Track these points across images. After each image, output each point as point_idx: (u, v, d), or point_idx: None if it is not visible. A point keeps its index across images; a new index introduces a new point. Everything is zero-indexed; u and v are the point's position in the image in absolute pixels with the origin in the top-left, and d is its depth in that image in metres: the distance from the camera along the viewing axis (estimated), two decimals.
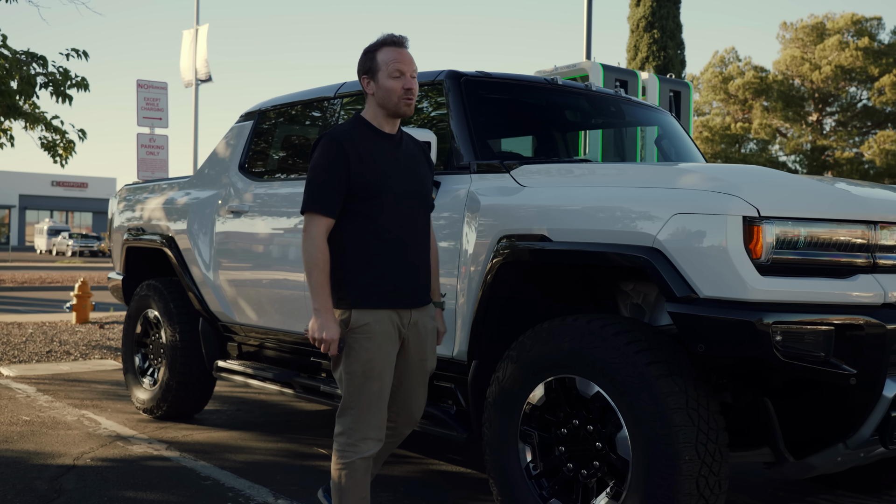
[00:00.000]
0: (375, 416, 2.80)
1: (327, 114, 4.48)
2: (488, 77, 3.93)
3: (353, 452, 2.80)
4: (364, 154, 2.77)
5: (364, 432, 2.80)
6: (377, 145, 2.82)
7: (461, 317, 3.43)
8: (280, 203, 4.54)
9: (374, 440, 2.81)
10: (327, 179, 2.74)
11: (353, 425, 2.80)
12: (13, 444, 4.66)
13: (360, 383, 2.78)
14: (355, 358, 2.77)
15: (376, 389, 2.79)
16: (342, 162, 2.74)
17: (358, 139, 2.80)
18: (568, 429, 3.00)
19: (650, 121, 4.58)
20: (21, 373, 7.11)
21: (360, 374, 2.77)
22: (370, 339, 2.77)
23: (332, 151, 2.76)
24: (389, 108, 2.82)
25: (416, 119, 4.07)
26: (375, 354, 2.77)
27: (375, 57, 2.81)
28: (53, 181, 60.55)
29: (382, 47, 2.82)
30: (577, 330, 2.92)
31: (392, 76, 2.78)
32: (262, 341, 4.78)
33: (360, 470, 2.82)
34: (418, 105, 4.08)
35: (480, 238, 3.33)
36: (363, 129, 2.84)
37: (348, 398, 2.81)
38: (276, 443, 4.81)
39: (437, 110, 3.94)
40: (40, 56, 7.90)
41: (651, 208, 2.79)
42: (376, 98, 2.83)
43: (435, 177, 3.64)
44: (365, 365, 2.77)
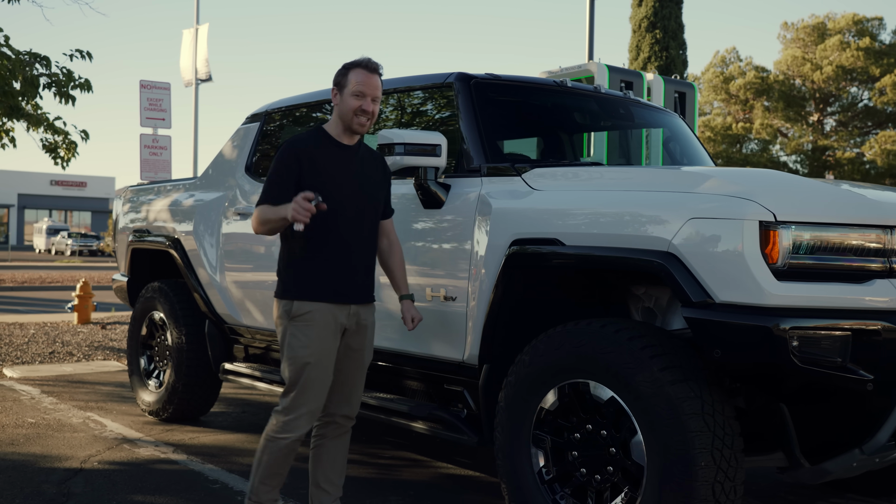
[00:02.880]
0: (313, 400, 3.07)
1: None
2: (498, 79, 3.91)
3: (284, 431, 3.08)
4: (318, 162, 3.07)
5: (299, 412, 3.07)
6: (332, 155, 3.12)
7: (472, 320, 3.42)
8: None
9: (305, 424, 3.09)
10: (279, 181, 3.06)
11: (290, 405, 3.08)
12: (20, 446, 4.64)
13: (299, 369, 3.05)
14: (295, 345, 3.05)
15: (315, 375, 3.05)
16: (295, 167, 3.06)
17: (315, 148, 3.10)
18: (581, 434, 2.98)
19: (658, 123, 4.56)
20: (24, 374, 7.09)
21: (299, 360, 3.04)
22: (310, 326, 3.04)
23: (287, 157, 3.08)
24: (345, 122, 3.15)
25: (424, 121, 4.06)
26: (315, 341, 3.04)
27: (348, 74, 3.13)
28: (52, 180, 60.48)
29: (356, 68, 3.13)
30: (590, 334, 2.91)
31: (354, 94, 3.10)
32: (269, 343, 4.76)
33: (284, 450, 3.11)
34: (427, 106, 4.06)
35: (492, 241, 3.32)
36: (322, 138, 3.16)
37: (290, 382, 3.08)
38: None
39: (447, 113, 3.92)
40: (43, 56, 7.88)
41: (666, 212, 2.78)
42: (338, 110, 3.15)
43: (445, 179, 3.63)
44: (305, 351, 3.04)
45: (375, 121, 3.23)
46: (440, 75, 3.92)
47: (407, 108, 4.16)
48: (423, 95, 4.06)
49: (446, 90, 3.88)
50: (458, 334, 3.50)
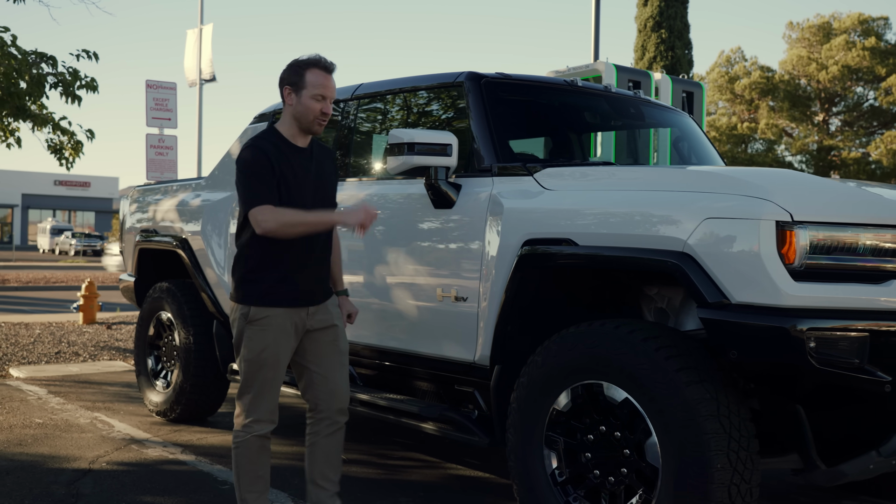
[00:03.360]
0: (268, 400, 3.14)
1: (343, 115, 4.44)
2: (508, 79, 3.89)
3: (247, 432, 3.13)
4: (282, 167, 3.02)
5: (258, 414, 3.13)
6: (291, 159, 3.06)
7: (483, 321, 3.40)
8: None
9: (266, 422, 3.15)
10: (264, 180, 2.99)
11: (249, 408, 3.13)
12: (28, 447, 4.63)
13: (255, 370, 3.10)
14: (252, 347, 3.08)
15: (270, 377, 3.10)
16: (269, 165, 2.99)
17: (276, 152, 3.03)
18: (595, 435, 2.96)
19: (669, 122, 4.54)
20: (31, 374, 7.08)
21: (255, 362, 3.09)
22: (266, 331, 3.06)
23: (260, 157, 3.00)
24: (303, 125, 3.08)
25: (433, 120, 4.04)
26: (270, 345, 3.07)
27: (305, 75, 3.03)
28: (56, 180, 60.56)
29: (313, 68, 3.04)
30: (604, 335, 2.89)
31: (314, 97, 3.03)
32: None
33: (254, 448, 3.15)
34: (436, 106, 4.05)
35: (504, 241, 3.30)
36: (279, 142, 3.07)
37: (245, 383, 3.13)
38: (292, 446, 4.78)
39: (456, 112, 3.91)
40: (50, 56, 7.87)
41: (681, 212, 2.75)
42: (293, 111, 3.07)
43: (456, 179, 3.61)
44: (260, 354, 3.08)
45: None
46: (450, 74, 3.90)
47: (415, 107, 4.15)
48: (433, 95, 4.04)
49: (456, 89, 3.86)
50: (469, 335, 3.49)
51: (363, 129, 4.40)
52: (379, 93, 4.27)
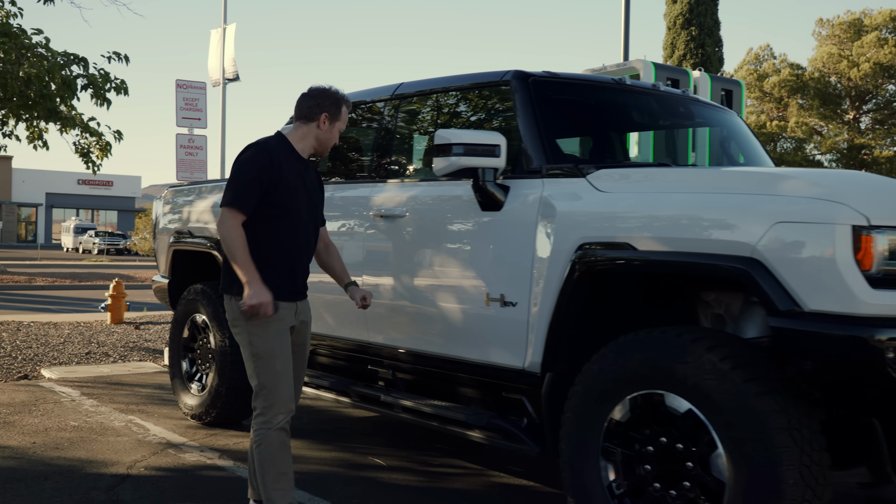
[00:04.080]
0: (284, 391, 3.23)
1: (383, 115, 4.36)
2: (556, 77, 3.80)
3: (267, 427, 3.21)
4: (285, 173, 3.23)
5: (277, 408, 3.22)
6: (294, 167, 3.29)
7: (534, 326, 3.30)
8: (338, 207, 4.43)
9: (284, 413, 3.23)
10: (250, 182, 3.17)
11: (267, 403, 3.22)
12: (65, 451, 4.59)
13: (266, 363, 3.21)
14: (258, 342, 3.21)
15: (280, 367, 3.22)
16: (267, 172, 3.19)
17: (283, 157, 3.25)
18: (655, 447, 2.85)
19: (717, 121, 4.42)
20: (63, 375, 7.07)
21: (264, 355, 3.21)
22: (269, 323, 3.20)
23: (262, 161, 3.20)
24: (322, 149, 3.40)
25: (476, 120, 3.95)
26: (273, 336, 3.21)
27: (341, 109, 3.38)
28: (79, 180, 61.08)
29: (345, 106, 3.40)
30: (665, 344, 2.78)
31: (340, 130, 3.40)
32: (315, 348, 4.68)
33: (276, 443, 3.21)
34: (481, 105, 3.96)
35: (556, 245, 3.20)
36: (287, 150, 3.30)
37: (261, 381, 3.22)
38: (330, 452, 4.70)
39: (501, 112, 3.81)
40: (81, 57, 7.85)
41: (750, 216, 2.64)
42: (321, 135, 3.35)
43: (503, 181, 3.52)
44: (268, 347, 3.21)
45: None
46: (495, 73, 3.81)
47: (459, 107, 4.06)
48: (477, 94, 3.95)
49: (502, 88, 3.77)
50: (518, 341, 3.39)
51: (404, 129, 4.31)
52: (421, 92, 4.18)
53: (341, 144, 4.88)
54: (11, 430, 5.04)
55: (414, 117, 4.29)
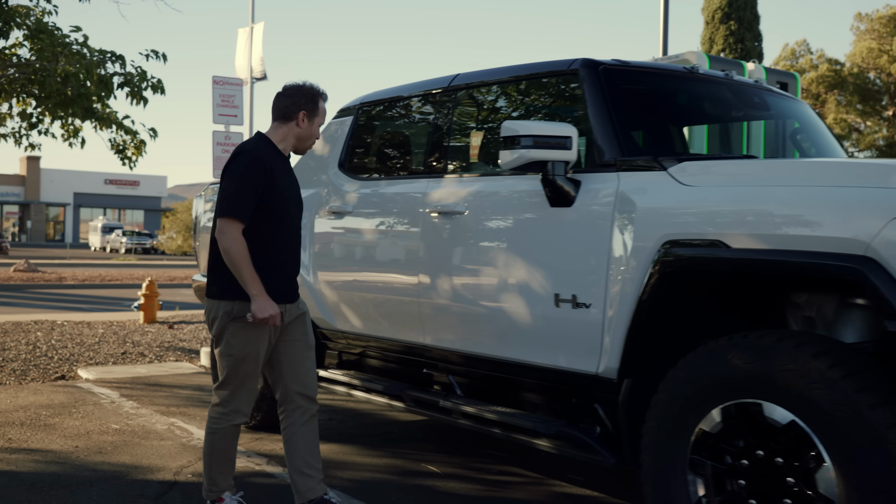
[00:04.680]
0: (248, 392, 3.34)
1: (439, 108, 4.17)
2: (627, 66, 3.59)
3: (226, 420, 3.33)
4: (275, 173, 3.26)
5: (237, 405, 3.33)
6: (281, 167, 3.33)
7: (610, 329, 3.10)
8: (388, 203, 4.26)
9: (244, 413, 3.35)
10: (245, 190, 3.19)
11: (229, 398, 3.32)
12: (108, 455, 4.45)
13: (236, 364, 3.27)
14: (234, 343, 3.25)
15: (250, 370, 3.29)
16: (261, 177, 3.22)
17: (272, 159, 3.29)
18: (751, 460, 2.64)
19: (791, 112, 4.19)
20: (100, 376, 6.96)
21: (236, 357, 3.26)
22: (248, 327, 3.23)
23: (254, 167, 3.22)
24: (301, 145, 3.42)
25: (539, 111, 3.75)
26: (252, 340, 3.25)
27: (318, 104, 3.40)
28: (106, 179, 61.66)
29: (323, 101, 3.42)
30: (764, 349, 2.57)
31: (319, 125, 3.43)
32: (366, 350, 4.51)
33: (230, 435, 3.36)
34: (544, 96, 3.76)
35: (637, 243, 3.00)
36: (271, 150, 3.33)
37: (226, 376, 3.30)
38: (381, 458, 4.53)
39: (568, 102, 3.61)
40: (119, 55, 7.74)
41: (861, 211, 2.42)
42: (301, 132, 3.38)
43: (573, 175, 3.32)
44: (242, 349, 3.25)
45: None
46: (562, 62, 3.61)
47: (521, 98, 3.86)
48: (541, 84, 3.75)
49: (569, 78, 3.57)
50: (592, 345, 3.19)
51: (462, 122, 4.12)
52: (481, 83, 3.99)
53: (387, 139, 4.71)
54: (53, 433, 4.91)
55: (472, 109, 4.10)
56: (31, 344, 8.62)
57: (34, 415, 5.37)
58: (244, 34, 16.29)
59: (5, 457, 4.37)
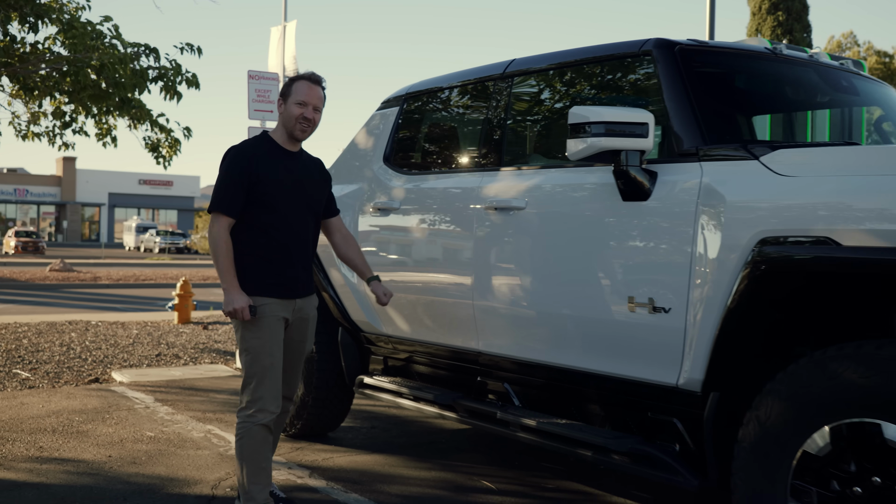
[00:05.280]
0: (271, 387, 3.28)
1: (493, 96, 3.88)
2: (705, 46, 3.28)
3: (252, 421, 3.27)
4: (267, 168, 3.28)
5: (261, 403, 3.27)
6: (278, 161, 3.34)
7: (693, 336, 2.79)
8: (439, 199, 3.98)
9: (269, 410, 3.29)
10: (232, 184, 3.25)
11: (252, 397, 3.28)
12: (143, 466, 4.22)
13: (254, 359, 3.27)
14: (249, 337, 3.28)
15: (269, 363, 3.27)
16: (247, 172, 3.25)
17: (263, 154, 3.32)
18: (864, 487, 2.32)
19: (878, 98, 3.82)
20: (134, 379, 6.77)
21: (253, 351, 3.27)
22: (261, 320, 3.26)
23: (240, 162, 3.27)
24: (288, 129, 3.37)
25: (606, 97, 3.44)
26: (265, 333, 3.27)
27: (292, 85, 3.37)
28: (140, 179, 62.24)
29: (300, 80, 3.37)
30: (884, 362, 2.25)
31: (297, 103, 3.33)
32: (413, 355, 4.23)
33: (259, 438, 3.28)
34: (612, 80, 3.46)
35: (726, 241, 2.68)
36: (268, 145, 3.37)
37: (246, 374, 3.30)
38: (430, 471, 4.25)
39: (639, 87, 3.31)
40: (153, 48, 7.56)
41: None
42: (282, 118, 3.39)
43: (647, 166, 3.01)
44: (259, 342, 3.26)
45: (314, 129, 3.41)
46: (633, 43, 3.30)
47: (586, 83, 3.56)
48: (608, 68, 3.45)
49: (641, 60, 3.26)
50: (672, 353, 2.88)
51: (519, 110, 3.83)
52: (540, 69, 3.69)
53: (436, 130, 4.43)
54: (85, 440, 4.70)
55: (530, 97, 3.81)
56: (65, 345, 8.48)
57: (66, 421, 5.17)
58: (277, 32, 16.12)
59: (36, 467, 4.16)
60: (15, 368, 7.09)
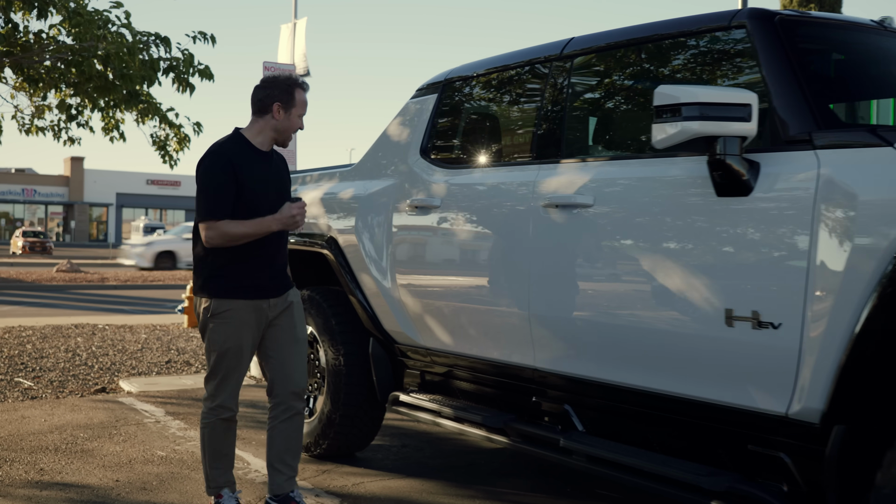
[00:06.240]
0: (230, 387, 3.33)
1: (550, 79, 3.43)
2: (807, 17, 2.83)
3: (214, 415, 3.34)
4: (246, 172, 3.23)
5: (221, 400, 3.33)
6: (253, 162, 3.28)
7: (810, 358, 2.34)
8: (488, 196, 3.53)
9: (228, 408, 3.34)
10: (217, 189, 3.19)
11: (214, 393, 3.33)
12: (154, 492, 3.79)
13: (218, 360, 3.29)
14: (214, 339, 3.28)
15: (232, 366, 3.29)
16: (229, 173, 3.19)
17: (240, 155, 3.25)
18: None
19: None
20: (143, 388, 6.35)
21: (217, 353, 3.28)
22: (227, 324, 3.26)
23: (224, 166, 3.20)
24: (281, 137, 3.33)
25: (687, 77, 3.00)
26: (231, 337, 3.27)
27: (294, 94, 3.31)
28: (148, 180, 62.02)
29: (300, 89, 3.33)
30: None
31: (299, 115, 3.33)
32: (454, 369, 3.78)
33: (220, 430, 3.36)
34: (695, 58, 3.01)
35: (859, 245, 2.23)
36: (242, 146, 3.29)
37: (210, 370, 3.33)
38: (473, 499, 3.80)
39: (729, 65, 2.86)
40: (164, 37, 7.14)
41: None
42: (278, 125, 3.31)
43: (747, 155, 2.56)
44: (222, 345, 3.27)
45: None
46: (722, 14, 2.86)
47: (664, 61, 3.11)
48: (691, 43, 3.00)
49: (731, 33, 2.81)
50: (781, 376, 2.43)
51: (581, 95, 3.39)
52: (607, 46, 3.24)
53: (482, 119, 3.99)
54: (91, 461, 4.27)
55: (596, 79, 3.36)
56: (70, 351, 8.07)
57: (70, 438, 4.74)
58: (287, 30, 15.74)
59: (35, 494, 3.73)
60: (17, 376, 6.68)
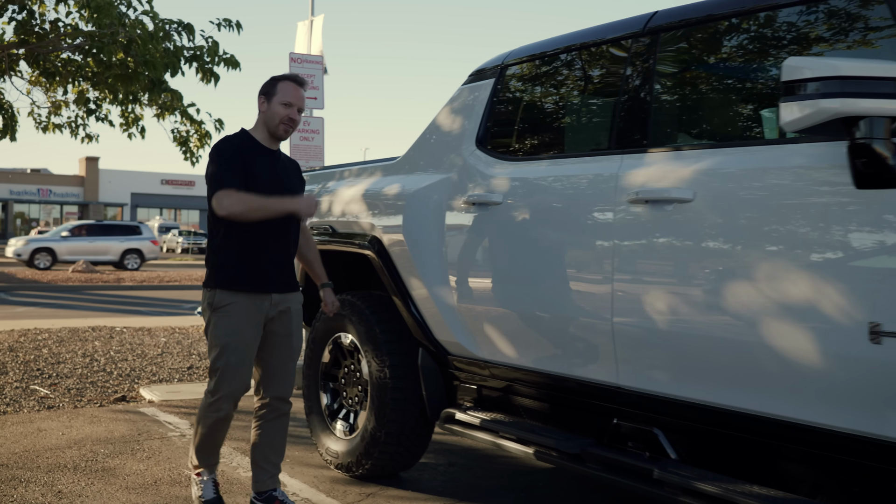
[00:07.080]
0: (232, 382, 3.26)
1: (631, 59, 3.03)
2: None
3: (213, 411, 3.31)
4: (252, 164, 3.26)
5: (221, 394, 3.28)
6: (258, 157, 3.31)
7: None
8: (558, 190, 3.14)
9: (229, 403, 3.29)
10: (225, 165, 3.20)
11: (214, 388, 3.29)
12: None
13: (219, 354, 3.25)
14: (216, 333, 3.26)
15: (234, 361, 3.25)
16: (235, 154, 3.24)
17: (247, 149, 3.29)
18: None
19: None
20: (165, 397, 5.99)
21: (219, 346, 3.25)
22: (230, 316, 3.24)
23: (224, 148, 3.26)
24: (271, 128, 3.35)
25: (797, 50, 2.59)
26: (233, 331, 3.24)
27: (276, 85, 3.35)
28: (163, 180, 61.95)
29: (285, 80, 3.36)
30: None
31: (282, 104, 3.32)
32: (515, 384, 3.39)
33: (216, 427, 3.35)
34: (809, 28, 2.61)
35: None
36: (247, 142, 3.34)
37: (212, 364, 3.29)
38: None
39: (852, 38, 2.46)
40: (186, 24, 6.78)
41: None
42: (264, 116, 3.36)
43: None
44: (224, 339, 3.24)
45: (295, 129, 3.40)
46: None
47: (769, 36, 2.71)
48: (805, 12, 2.59)
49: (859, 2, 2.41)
50: None
51: (671, 75, 2.98)
52: (699, 20, 2.84)
53: (548, 105, 3.59)
54: (113, 481, 3.91)
55: (688, 57, 2.96)
56: (88, 356, 7.73)
57: (90, 454, 4.38)
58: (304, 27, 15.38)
59: None
60: (33, 384, 6.35)
